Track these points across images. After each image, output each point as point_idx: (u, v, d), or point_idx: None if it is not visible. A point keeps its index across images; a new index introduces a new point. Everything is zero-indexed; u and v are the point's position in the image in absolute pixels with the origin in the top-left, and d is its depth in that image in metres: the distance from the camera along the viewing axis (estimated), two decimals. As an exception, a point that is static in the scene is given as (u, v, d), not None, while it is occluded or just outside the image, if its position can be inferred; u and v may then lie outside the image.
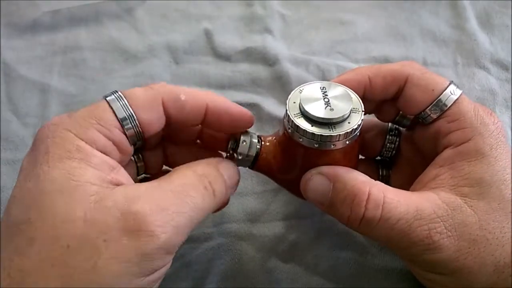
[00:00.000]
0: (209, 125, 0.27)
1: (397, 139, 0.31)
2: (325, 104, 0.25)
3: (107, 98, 0.24)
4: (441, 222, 0.23)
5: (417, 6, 0.47)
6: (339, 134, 0.24)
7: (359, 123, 0.25)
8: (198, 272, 0.32)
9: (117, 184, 0.22)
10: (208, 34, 0.45)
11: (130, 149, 0.25)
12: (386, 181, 0.31)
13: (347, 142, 0.25)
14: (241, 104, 0.40)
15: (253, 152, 0.27)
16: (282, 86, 0.41)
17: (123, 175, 0.23)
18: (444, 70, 0.42)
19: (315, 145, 0.24)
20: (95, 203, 0.20)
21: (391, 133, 0.31)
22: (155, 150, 0.30)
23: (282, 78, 0.41)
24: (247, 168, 0.28)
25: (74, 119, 0.23)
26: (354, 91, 0.26)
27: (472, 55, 0.43)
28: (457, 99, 0.26)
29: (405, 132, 0.31)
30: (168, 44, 0.45)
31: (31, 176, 0.21)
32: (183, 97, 0.25)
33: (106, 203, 0.21)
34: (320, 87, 0.26)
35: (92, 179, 0.21)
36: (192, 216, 0.22)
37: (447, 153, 0.26)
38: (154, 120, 0.24)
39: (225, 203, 0.28)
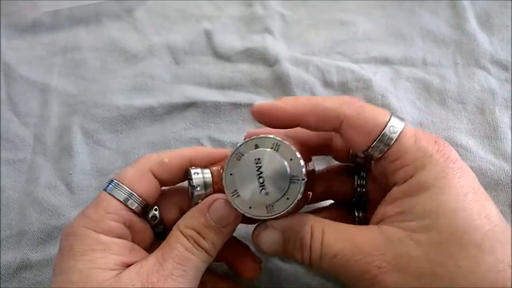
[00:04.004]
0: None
1: (364, 182, 0.30)
2: (260, 186, 0.24)
3: (106, 189, 0.27)
4: (380, 256, 0.23)
5: (417, 6, 0.47)
6: (276, 215, 0.24)
7: (298, 197, 0.24)
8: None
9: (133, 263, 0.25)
10: (208, 34, 0.45)
11: (143, 225, 0.28)
12: (364, 221, 0.30)
13: (289, 211, 0.25)
14: (241, 104, 0.41)
15: (209, 185, 0.27)
16: (282, 87, 0.41)
17: (139, 254, 0.26)
18: (444, 70, 0.42)
19: (255, 220, 0.25)
20: (115, 282, 0.24)
21: (357, 176, 0.30)
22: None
23: (282, 79, 0.41)
24: None
25: (87, 216, 0.26)
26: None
27: (472, 55, 0.43)
28: (399, 135, 0.25)
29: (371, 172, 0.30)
30: (168, 44, 0.45)
31: (61, 271, 0.25)
32: (166, 160, 0.28)
33: (123, 281, 0.24)
34: (255, 160, 0.25)
35: (113, 265, 0.24)
36: (192, 275, 0.25)
37: (394, 191, 0.25)
38: (151, 189, 0.27)
39: (255, 272, 0.30)
